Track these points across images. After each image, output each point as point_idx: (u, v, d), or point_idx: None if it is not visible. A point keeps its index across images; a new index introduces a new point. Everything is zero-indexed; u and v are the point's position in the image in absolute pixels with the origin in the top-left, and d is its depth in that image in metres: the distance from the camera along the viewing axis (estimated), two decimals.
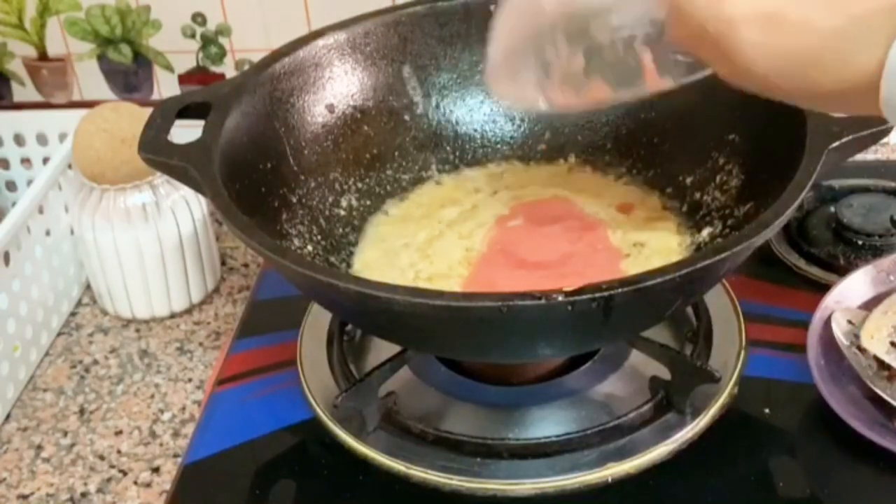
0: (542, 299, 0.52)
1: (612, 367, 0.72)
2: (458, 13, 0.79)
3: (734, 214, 0.70)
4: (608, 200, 0.77)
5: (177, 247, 0.84)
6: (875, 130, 0.62)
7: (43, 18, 1.02)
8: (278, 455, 0.69)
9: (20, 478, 0.73)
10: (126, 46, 1.03)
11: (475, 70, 0.80)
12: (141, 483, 0.71)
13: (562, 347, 0.65)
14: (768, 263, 0.81)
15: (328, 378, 0.72)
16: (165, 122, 0.68)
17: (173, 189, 0.83)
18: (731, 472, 0.65)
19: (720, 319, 0.74)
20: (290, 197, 0.73)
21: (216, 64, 1.03)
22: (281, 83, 0.74)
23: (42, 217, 0.85)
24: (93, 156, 0.81)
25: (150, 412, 0.77)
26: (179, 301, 0.87)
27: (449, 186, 0.80)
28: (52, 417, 0.78)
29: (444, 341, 0.63)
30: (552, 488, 0.64)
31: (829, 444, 0.66)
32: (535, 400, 0.70)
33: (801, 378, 0.68)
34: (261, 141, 0.71)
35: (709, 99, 0.73)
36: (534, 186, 0.79)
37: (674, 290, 0.57)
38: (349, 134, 0.77)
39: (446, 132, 0.81)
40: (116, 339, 0.85)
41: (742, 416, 0.68)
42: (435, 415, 0.69)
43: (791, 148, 0.62)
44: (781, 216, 0.57)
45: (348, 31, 0.77)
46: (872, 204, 0.84)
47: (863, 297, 0.72)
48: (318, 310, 0.77)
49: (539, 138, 0.81)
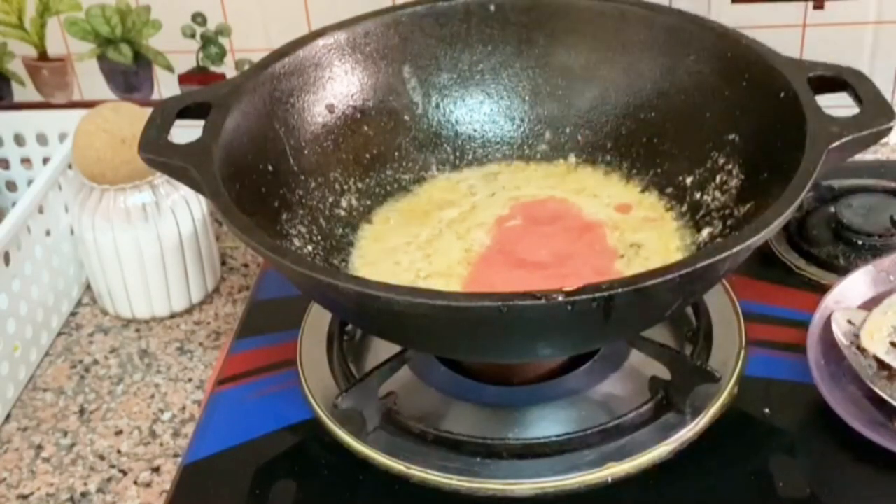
0: (542, 299, 0.52)
1: (612, 367, 0.72)
2: (458, 13, 0.79)
3: (734, 214, 0.70)
4: (608, 200, 0.77)
5: (177, 247, 0.84)
6: (875, 130, 0.62)
7: (43, 18, 1.02)
8: (278, 455, 0.69)
9: (20, 478, 0.73)
10: (126, 46, 1.03)
11: (475, 70, 0.80)
12: (141, 483, 0.71)
13: (562, 347, 0.65)
14: (768, 263, 0.81)
15: (328, 378, 0.72)
16: (165, 122, 0.68)
17: (173, 189, 0.83)
18: (731, 472, 0.65)
19: (720, 319, 0.74)
20: (290, 197, 0.72)
21: (216, 64, 1.03)
22: (281, 83, 0.74)
23: (42, 217, 0.85)
24: (93, 156, 0.81)
25: (150, 412, 0.77)
26: (179, 301, 0.87)
27: (449, 186, 0.80)
28: (52, 417, 0.78)
29: (444, 341, 0.63)
30: (552, 488, 0.64)
31: (829, 444, 0.65)
32: (535, 400, 0.70)
33: (801, 378, 0.68)
34: (261, 141, 0.71)
35: (709, 99, 0.74)
36: (533, 186, 0.79)
37: (674, 290, 0.57)
38: (349, 134, 0.77)
39: (446, 132, 0.81)
40: (116, 339, 0.85)
41: (742, 416, 0.68)
42: (435, 415, 0.69)
43: (791, 148, 0.62)
44: (781, 216, 0.57)
45: (348, 31, 0.77)
46: (872, 204, 0.84)
47: (863, 297, 0.72)
48: (318, 310, 0.77)
49: (539, 138, 0.81)
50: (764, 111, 0.68)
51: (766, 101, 0.68)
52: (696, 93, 0.74)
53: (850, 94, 0.65)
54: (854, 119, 0.62)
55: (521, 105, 0.81)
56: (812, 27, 0.95)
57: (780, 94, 0.66)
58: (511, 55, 0.80)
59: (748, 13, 0.95)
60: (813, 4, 0.94)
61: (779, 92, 0.66)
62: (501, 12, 0.79)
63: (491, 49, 0.80)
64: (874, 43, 0.96)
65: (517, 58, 0.80)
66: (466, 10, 0.79)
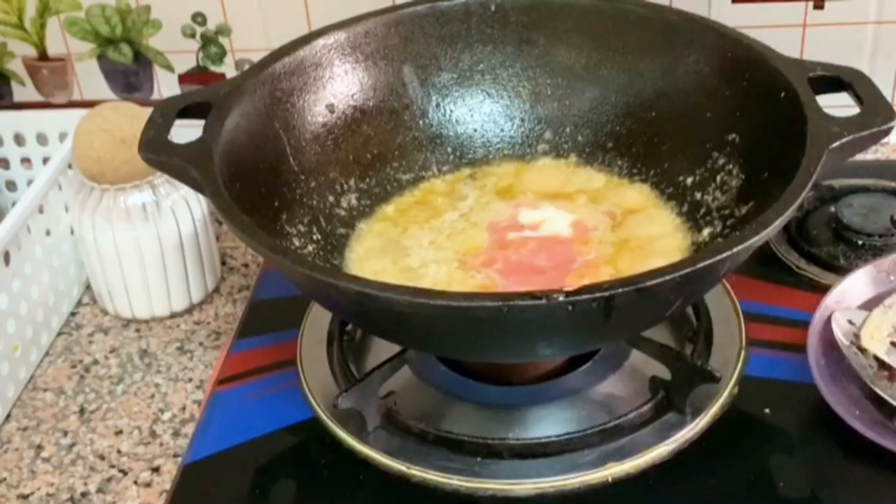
0: (542, 299, 0.52)
1: (612, 367, 0.72)
2: (459, 13, 0.79)
3: (734, 214, 0.70)
4: (608, 200, 0.77)
5: (177, 247, 0.84)
6: (875, 130, 0.62)
7: (43, 18, 1.02)
8: (278, 455, 0.69)
9: (20, 478, 0.73)
10: (126, 46, 1.03)
11: (475, 70, 0.80)
12: (141, 483, 0.71)
13: (562, 347, 0.65)
14: (768, 263, 0.81)
15: (328, 378, 0.72)
16: (165, 121, 0.68)
17: (173, 189, 0.83)
18: (731, 472, 0.65)
19: (720, 319, 0.74)
20: (290, 196, 0.73)
21: (216, 64, 1.03)
22: (281, 83, 0.74)
23: (42, 217, 0.84)
24: (93, 156, 0.81)
25: (150, 412, 0.77)
26: (179, 301, 0.87)
27: (449, 186, 0.80)
28: (52, 417, 0.78)
29: (444, 341, 0.63)
30: (552, 488, 0.64)
31: (829, 444, 0.65)
32: (535, 400, 0.70)
33: (801, 378, 0.68)
34: (261, 141, 0.71)
35: (709, 99, 0.74)
36: (533, 186, 0.79)
37: (674, 290, 0.57)
38: (349, 134, 0.77)
39: (446, 132, 0.81)
40: (116, 339, 0.85)
41: (742, 416, 0.68)
42: (435, 415, 0.69)
43: (791, 148, 0.62)
44: (781, 216, 0.57)
45: (349, 31, 0.77)
46: (872, 204, 0.84)
47: (863, 297, 0.72)
48: (318, 310, 0.77)
49: (539, 138, 0.81)
50: (764, 111, 0.68)
51: (766, 101, 0.68)
52: (696, 93, 0.74)
53: (850, 94, 0.65)
54: (854, 119, 0.62)
55: (521, 105, 0.81)
56: (812, 27, 0.95)
57: (780, 94, 0.66)
58: (511, 55, 0.80)
59: (748, 13, 0.95)
60: (813, 4, 0.94)
61: (779, 92, 0.66)
62: (502, 12, 0.79)
63: (491, 49, 0.80)
64: (874, 43, 0.96)
65: (517, 58, 0.80)
66: (467, 10, 0.79)
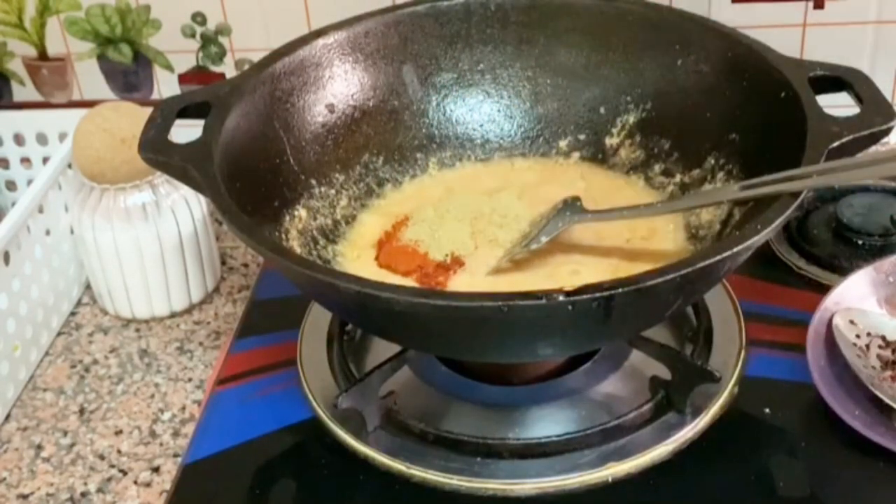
0: (542, 299, 0.52)
1: (612, 367, 0.72)
2: (459, 13, 0.79)
3: (734, 214, 0.70)
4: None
5: (177, 247, 0.84)
6: (875, 130, 0.62)
7: (43, 18, 1.02)
8: (278, 455, 0.69)
9: (20, 477, 0.73)
10: (126, 46, 1.02)
11: (475, 70, 0.80)
12: (141, 483, 0.71)
13: (562, 347, 0.65)
14: (768, 263, 0.81)
15: (328, 378, 0.72)
16: (165, 121, 0.68)
17: (173, 189, 0.83)
18: (731, 472, 0.65)
19: (720, 319, 0.74)
20: (290, 197, 0.72)
21: (216, 64, 1.03)
22: (281, 83, 0.74)
23: (42, 217, 0.84)
24: (93, 155, 0.81)
25: (150, 412, 0.77)
26: (179, 301, 0.87)
27: (448, 186, 0.80)
28: (52, 417, 0.78)
29: (444, 341, 0.63)
30: (552, 488, 0.64)
31: (829, 444, 0.65)
32: (535, 400, 0.70)
33: (801, 378, 0.68)
34: (261, 141, 0.71)
35: (709, 99, 0.73)
36: (533, 185, 0.79)
37: (674, 290, 0.57)
38: (349, 133, 0.77)
39: (446, 132, 0.81)
40: (116, 339, 0.85)
41: (742, 416, 0.68)
42: (435, 414, 0.69)
43: (791, 148, 0.62)
44: (782, 216, 0.57)
45: (349, 31, 0.77)
46: (872, 204, 0.84)
47: (863, 297, 0.72)
48: (318, 310, 0.77)
49: (539, 138, 0.81)
50: (764, 111, 0.68)
51: (766, 100, 0.68)
52: (696, 92, 0.74)
53: (850, 94, 0.65)
54: (854, 119, 0.62)
55: (521, 105, 0.81)
56: (812, 27, 0.95)
57: (780, 94, 0.66)
58: (511, 55, 0.80)
59: (748, 13, 0.95)
60: (813, 4, 0.94)
61: (779, 92, 0.66)
62: (502, 12, 0.79)
63: (491, 49, 0.80)
64: (874, 43, 0.96)
65: (517, 57, 0.80)
66: (467, 10, 0.79)
